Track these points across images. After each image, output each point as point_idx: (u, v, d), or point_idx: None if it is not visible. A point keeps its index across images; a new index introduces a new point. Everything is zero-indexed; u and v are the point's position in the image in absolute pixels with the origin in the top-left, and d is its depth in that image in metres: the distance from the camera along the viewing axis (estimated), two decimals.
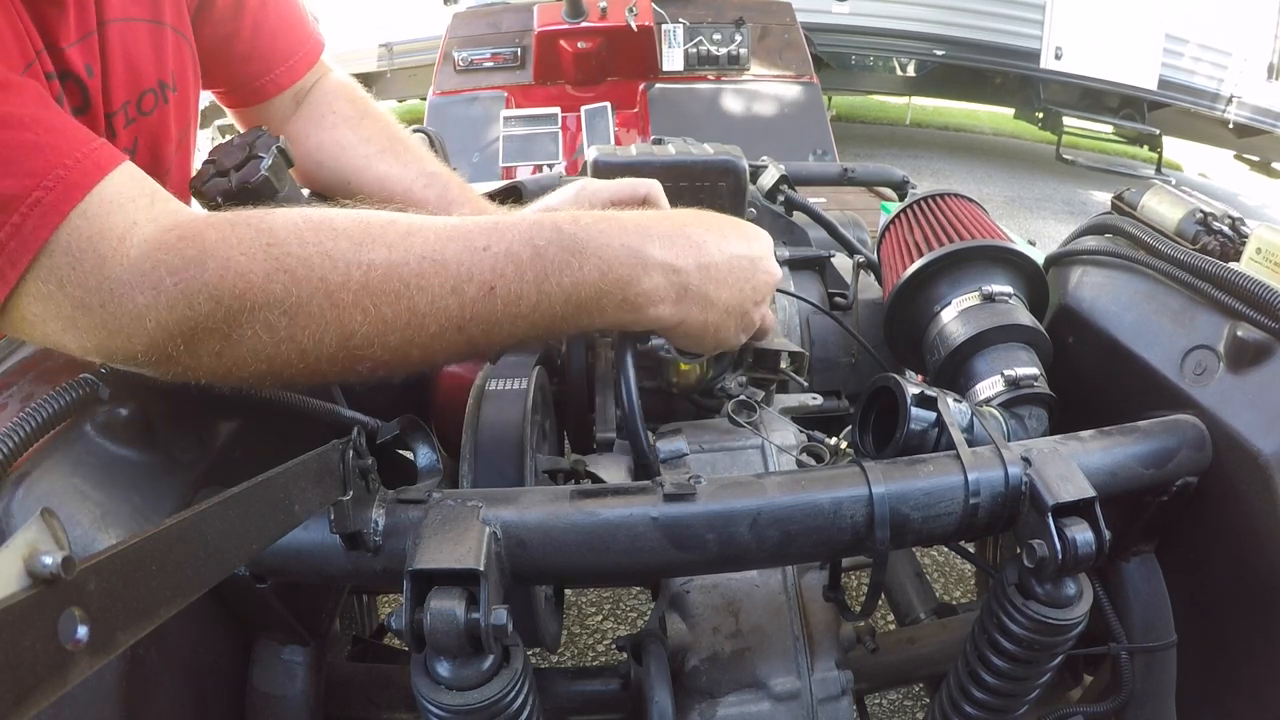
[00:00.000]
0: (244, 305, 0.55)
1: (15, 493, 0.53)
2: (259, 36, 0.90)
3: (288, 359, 0.58)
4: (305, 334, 0.57)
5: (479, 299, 0.60)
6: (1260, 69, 5.90)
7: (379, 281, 0.57)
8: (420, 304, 0.58)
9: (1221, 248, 0.84)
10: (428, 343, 0.60)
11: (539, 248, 0.61)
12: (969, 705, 0.70)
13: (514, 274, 0.60)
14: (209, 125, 4.16)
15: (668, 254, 0.65)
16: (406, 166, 0.95)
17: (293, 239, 0.57)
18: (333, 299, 0.56)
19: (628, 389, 0.74)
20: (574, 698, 0.82)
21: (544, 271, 0.61)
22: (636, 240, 0.64)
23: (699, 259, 0.67)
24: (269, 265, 0.55)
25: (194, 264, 0.55)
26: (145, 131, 0.79)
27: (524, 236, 0.61)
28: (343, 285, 0.57)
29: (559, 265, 0.61)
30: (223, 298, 0.55)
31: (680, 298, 0.66)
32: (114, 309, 0.54)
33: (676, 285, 0.66)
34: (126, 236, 0.55)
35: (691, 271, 0.66)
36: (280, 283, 0.55)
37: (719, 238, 0.69)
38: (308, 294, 0.56)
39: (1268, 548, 0.68)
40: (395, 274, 0.58)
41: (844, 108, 7.90)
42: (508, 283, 0.60)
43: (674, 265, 0.65)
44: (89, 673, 0.29)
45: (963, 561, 2.00)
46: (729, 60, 3.17)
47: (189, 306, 0.54)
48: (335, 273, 0.57)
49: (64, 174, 0.54)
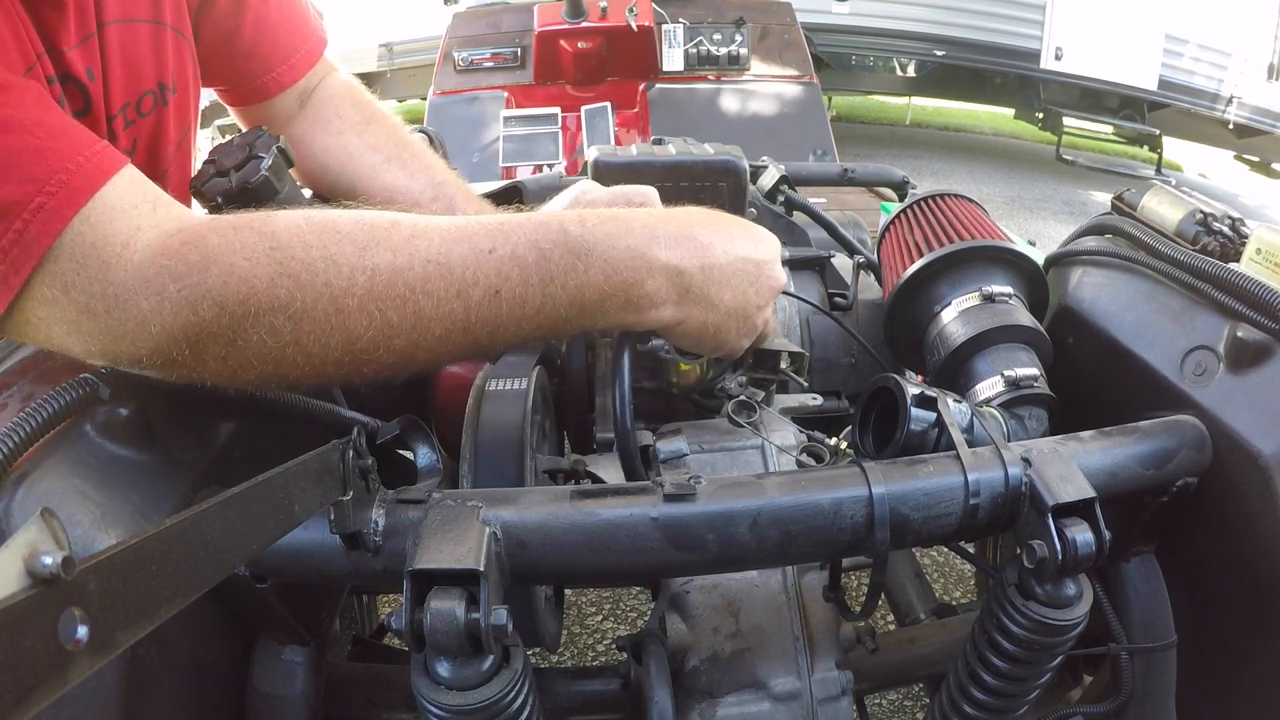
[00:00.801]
0: (248, 311, 0.55)
1: (15, 493, 0.53)
2: (261, 34, 0.90)
3: (293, 362, 0.58)
4: (310, 338, 0.57)
5: (484, 302, 0.60)
6: (1260, 69, 5.90)
7: (384, 286, 0.57)
8: (425, 308, 0.58)
9: (1221, 248, 0.84)
10: (433, 345, 0.60)
11: (544, 251, 0.61)
12: (969, 705, 0.70)
13: (519, 277, 0.60)
14: (209, 125, 4.17)
15: (672, 256, 0.65)
16: (414, 177, 0.95)
17: (296, 243, 0.56)
18: (337, 304, 0.56)
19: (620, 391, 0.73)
20: (574, 698, 0.82)
21: (549, 275, 0.61)
22: (642, 242, 0.64)
23: (703, 261, 0.66)
24: (272, 270, 0.55)
25: (197, 269, 0.55)
26: (144, 133, 0.79)
27: (530, 239, 0.61)
28: (347, 290, 0.56)
29: (564, 268, 0.61)
30: (226, 303, 0.55)
31: (682, 299, 0.66)
32: (118, 314, 0.54)
33: (679, 287, 0.66)
34: (130, 242, 0.55)
35: (695, 273, 0.66)
36: (284, 288, 0.55)
37: (726, 239, 0.69)
38: (312, 299, 0.56)
39: (1268, 548, 0.68)
40: (400, 278, 0.58)
41: (844, 108, 7.90)
42: (513, 286, 0.60)
43: (678, 267, 0.65)
44: (89, 673, 0.29)
45: (963, 561, 2.00)
46: (729, 60, 3.17)
47: (193, 312, 0.54)
48: (340, 277, 0.56)
49: (66, 179, 0.54)
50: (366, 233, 0.59)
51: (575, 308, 0.62)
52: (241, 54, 0.90)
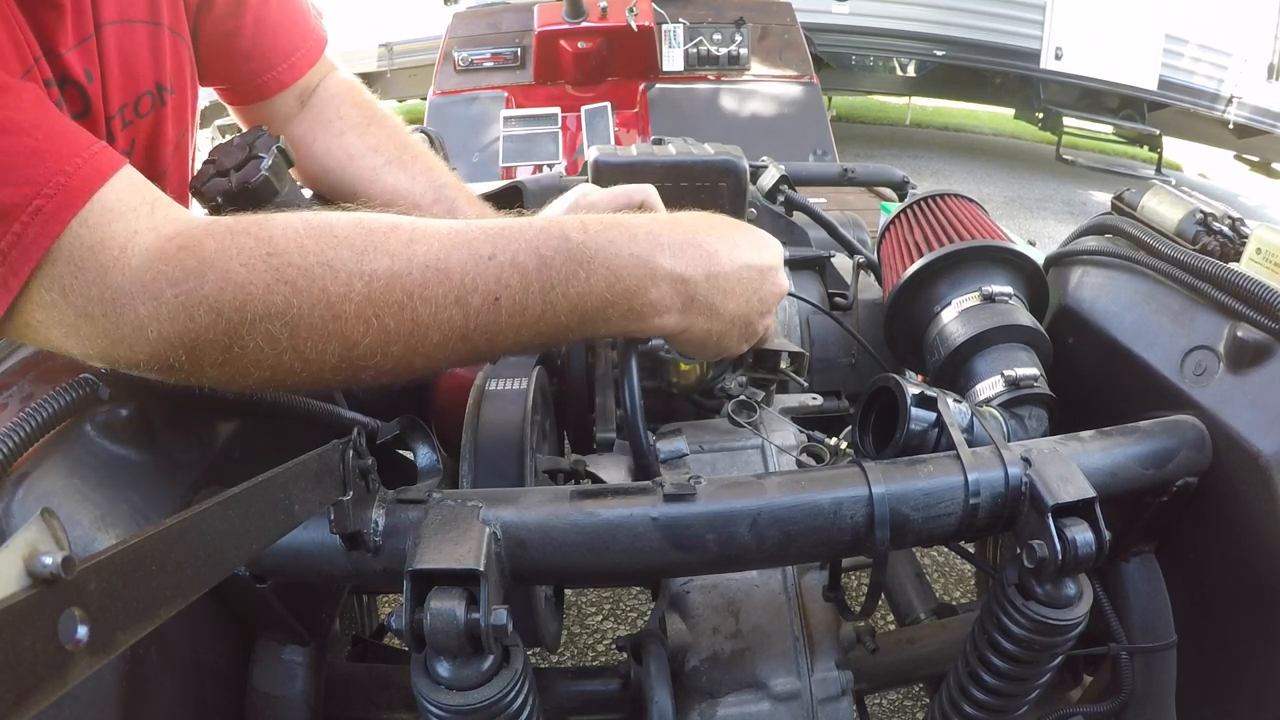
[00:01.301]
0: (244, 317, 0.55)
1: (15, 493, 0.53)
2: (261, 34, 0.90)
3: (290, 368, 0.57)
4: (307, 345, 0.56)
5: (483, 309, 0.59)
6: (1260, 69, 5.90)
7: (381, 292, 0.57)
8: (424, 314, 0.58)
9: (1221, 248, 0.84)
10: (431, 352, 0.59)
11: (546, 258, 0.60)
12: (969, 705, 0.70)
13: (519, 284, 0.59)
14: (209, 125, 4.17)
15: (677, 264, 0.64)
16: (415, 179, 0.95)
17: (293, 248, 0.56)
18: (334, 310, 0.56)
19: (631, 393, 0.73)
20: (574, 698, 0.82)
21: (550, 282, 0.60)
22: (646, 249, 0.63)
23: (708, 269, 0.66)
24: (269, 276, 0.55)
25: (194, 275, 0.54)
26: (142, 134, 0.79)
27: (530, 245, 0.60)
28: (344, 296, 0.56)
29: (565, 276, 0.60)
30: (223, 310, 0.54)
31: (686, 307, 0.66)
32: (115, 319, 0.54)
33: (683, 295, 0.65)
34: (128, 245, 0.55)
35: (700, 282, 0.65)
36: (281, 294, 0.55)
37: (730, 246, 0.68)
38: (309, 305, 0.55)
39: (1268, 548, 0.68)
40: (398, 284, 0.57)
41: (844, 108, 7.89)
42: (513, 293, 0.59)
43: (682, 276, 0.64)
44: (89, 673, 0.29)
45: (963, 561, 2.00)
46: (729, 60, 3.17)
47: (190, 319, 0.54)
48: (337, 284, 0.56)
49: (64, 181, 0.54)
50: (364, 237, 0.58)
51: (577, 315, 0.62)
52: (241, 54, 0.90)
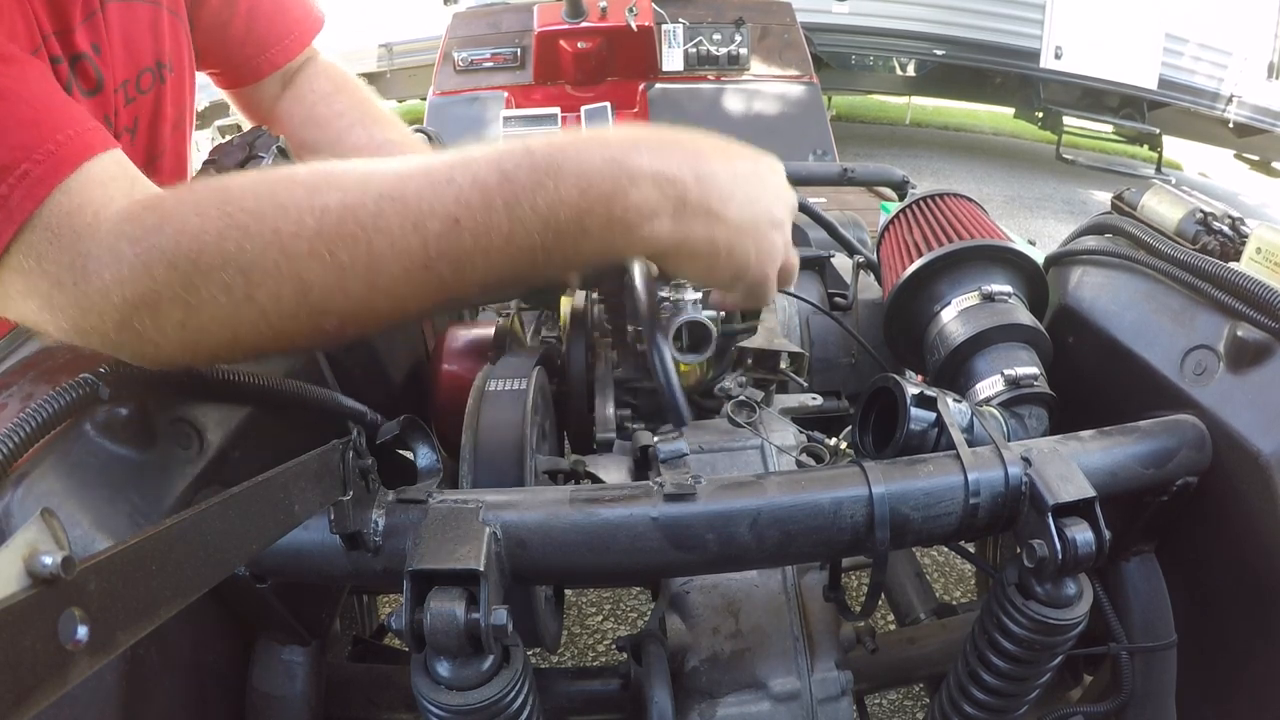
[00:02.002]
0: (198, 268, 0.53)
1: (15, 493, 0.53)
2: (255, 21, 0.93)
3: (251, 322, 0.55)
4: (261, 291, 0.54)
5: (444, 234, 0.54)
6: (1260, 69, 5.91)
7: (334, 225, 0.54)
8: (379, 245, 0.54)
9: (1221, 248, 0.84)
10: (392, 287, 0.56)
11: (507, 171, 0.55)
12: (969, 705, 0.70)
13: (481, 203, 0.54)
14: (209, 125, 4.17)
15: (658, 161, 0.57)
16: (373, 137, 0.96)
17: (248, 195, 0.54)
18: (286, 250, 0.53)
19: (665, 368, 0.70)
20: (574, 698, 0.82)
21: (514, 196, 0.54)
22: (620, 152, 0.56)
23: (697, 168, 0.58)
24: (222, 223, 0.53)
25: (153, 231, 0.53)
26: (144, 111, 0.81)
27: (492, 163, 0.56)
28: (296, 234, 0.53)
29: (531, 187, 0.55)
30: (178, 262, 0.53)
31: (679, 210, 0.58)
32: (84, 286, 0.53)
33: (673, 197, 0.57)
34: (101, 212, 0.54)
35: (689, 181, 0.58)
36: (233, 239, 0.53)
37: (717, 148, 0.62)
38: (260, 247, 0.53)
39: (1268, 548, 0.68)
40: (351, 216, 0.54)
41: (844, 108, 7.89)
42: (474, 213, 0.54)
43: (666, 174, 0.57)
44: (89, 673, 0.29)
45: (963, 561, 2.00)
46: (729, 60, 3.16)
47: (149, 275, 0.53)
48: (288, 222, 0.53)
49: (54, 149, 0.54)
50: (320, 177, 0.56)
51: (550, 231, 0.55)
52: (236, 40, 0.93)
